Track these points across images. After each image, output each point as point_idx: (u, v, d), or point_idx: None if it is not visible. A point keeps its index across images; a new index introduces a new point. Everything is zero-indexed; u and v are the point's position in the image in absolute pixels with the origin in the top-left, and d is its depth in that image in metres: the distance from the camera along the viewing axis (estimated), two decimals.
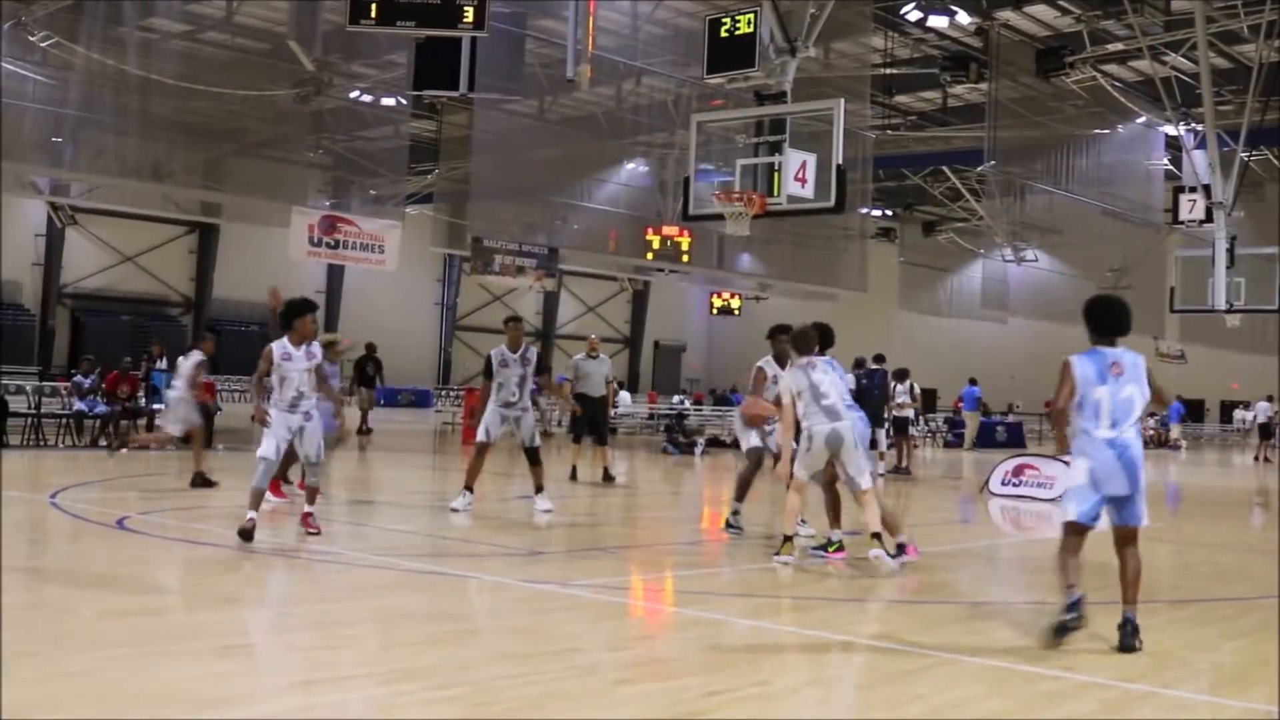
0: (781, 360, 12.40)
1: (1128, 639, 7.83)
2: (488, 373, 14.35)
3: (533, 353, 14.34)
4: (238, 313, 56.01)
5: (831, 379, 11.04)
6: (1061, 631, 7.79)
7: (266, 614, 8.14)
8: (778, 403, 11.54)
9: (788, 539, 11.04)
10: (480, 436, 14.27)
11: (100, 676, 6.17)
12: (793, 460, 11.06)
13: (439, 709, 5.96)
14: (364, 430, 28.66)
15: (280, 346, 11.39)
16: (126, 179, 36.65)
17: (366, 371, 30.81)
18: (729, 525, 13.01)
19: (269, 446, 11.35)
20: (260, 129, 38.65)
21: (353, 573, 10.11)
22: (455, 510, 13.90)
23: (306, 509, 11.78)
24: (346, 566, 10.39)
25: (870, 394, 23.21)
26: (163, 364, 24.93)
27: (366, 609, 8.51)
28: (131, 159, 34.35)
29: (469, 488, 14.11)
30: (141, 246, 53.31)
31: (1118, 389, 8.32)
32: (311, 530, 11.52)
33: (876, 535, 10.72)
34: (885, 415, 23.88)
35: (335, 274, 57.14)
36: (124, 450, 21.03)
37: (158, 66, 30.35)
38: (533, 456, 14.21)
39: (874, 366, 23.35)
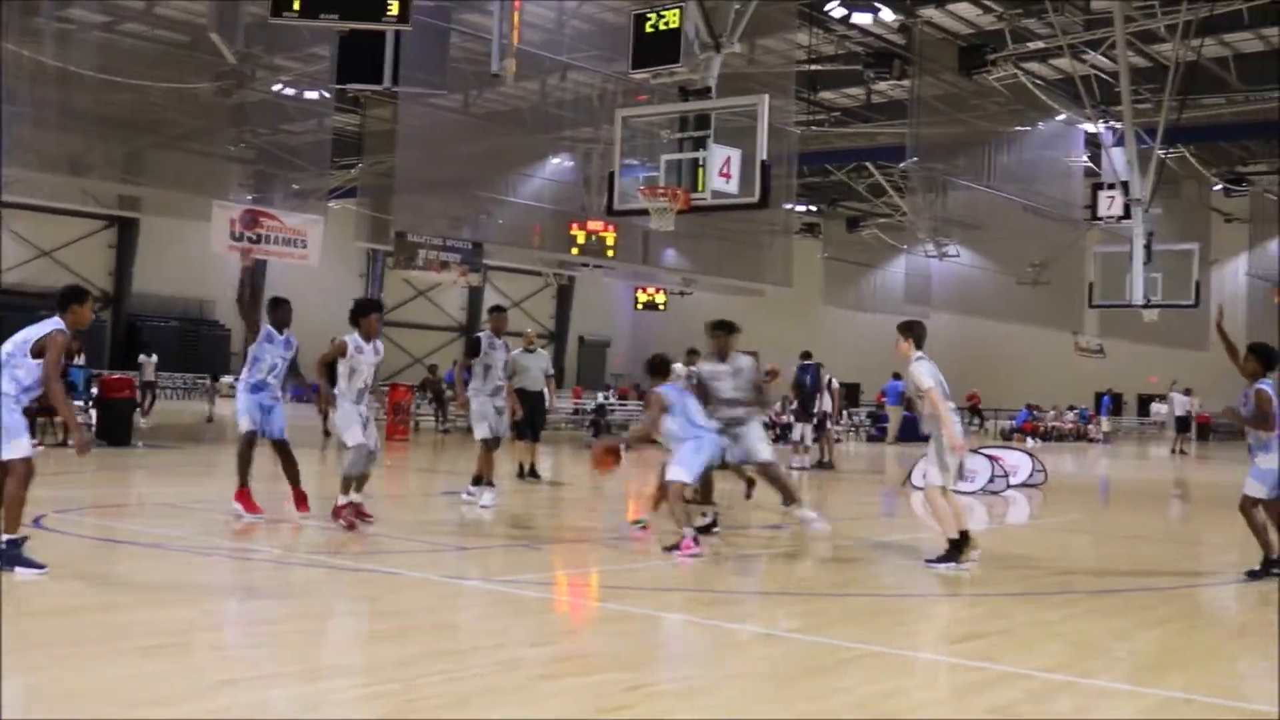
0: (723, 355, 12.42)
1: None
2: (474, 351, 14.39)
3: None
4: (158, 307, 55.38)
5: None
6: None
7: (190, 612, 8.05)
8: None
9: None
10: (486, 433, 14.46)
11: (25, 678, 6.08)
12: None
13: (365, 706, 5.93)
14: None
15: (353, 340, 12.02)
16: (44, 172, 36.12)
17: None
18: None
19: (357, 433, 11.95)
20: (181, 122, 38.24)
21: (279, 570, 10.04)
22: (485, 507, 14.11)
23: (344, 500, 12.04)
24: (272, 563, 10.31)
25: (805, 389, 23.56)
26: (80, 360, 24.56)
27: (292, 606, 8.45)
28: (49, 152, 33.84)
29: (490, 482, 14.35)
30: (60, 240, 52.55)
31: None
32: (368, 518, 12.05)
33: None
34: (815, 410, 24.10)
35: (257, 268, 56.53)
36: (39, 447, 20.71)
37: (76, 58, 29.92)
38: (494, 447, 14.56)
39: (805, 362, 23.73)
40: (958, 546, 10.97)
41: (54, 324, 9.22)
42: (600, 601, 9.33)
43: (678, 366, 14.15)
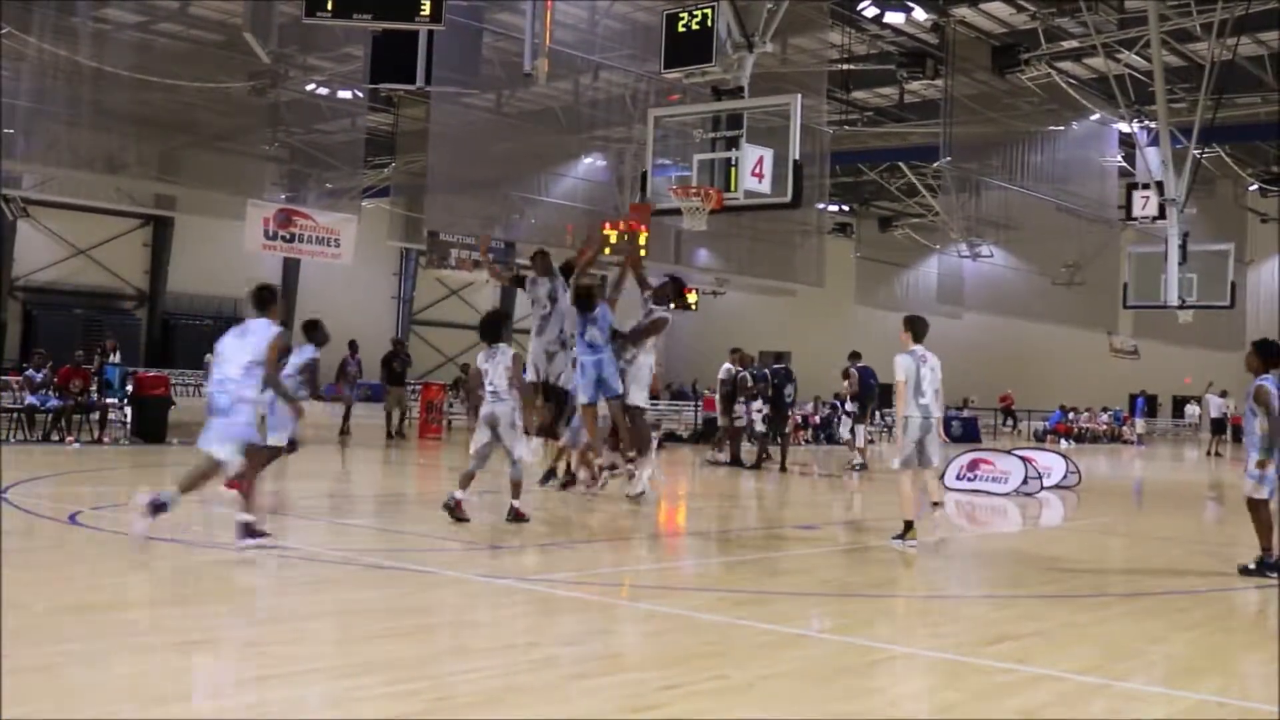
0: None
1: None
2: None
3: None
4: (192, 306, 55.65)
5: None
6: None
7: (223, 609, 8.10)
8: None
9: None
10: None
11: (55, 672, 6.13)
12: None
13: (397, 703, 5.95)
14: (399, 434, 27.59)
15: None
16: (80, 171, 36.38)
17: (394, 368, 28.17)
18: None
19: (526, 447, 12.86)
20: (215, 121, 38.41)
21: (310, 567, 10.07)
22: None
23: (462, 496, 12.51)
24: (304, 561, 10.35)
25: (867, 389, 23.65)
26: (115, 358, 24.71)
27: (324, 604, 8.48)
28: (85, 151, 34.08)
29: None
30: (95, 239, 52.85)
31: None
32: (524, 517, 12.50)
33: None
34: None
35: (291, 267, 56.81)
36: (75, 444, 20.89)
37: (112, 57, 30.10)
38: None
39: (862, 364, 23.80)
40: (909, 526, 12.09)
41: (268, 325, 10.20)
42: (633, 601, 9.33)
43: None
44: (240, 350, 10.12)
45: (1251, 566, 11.01)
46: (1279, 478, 10.84)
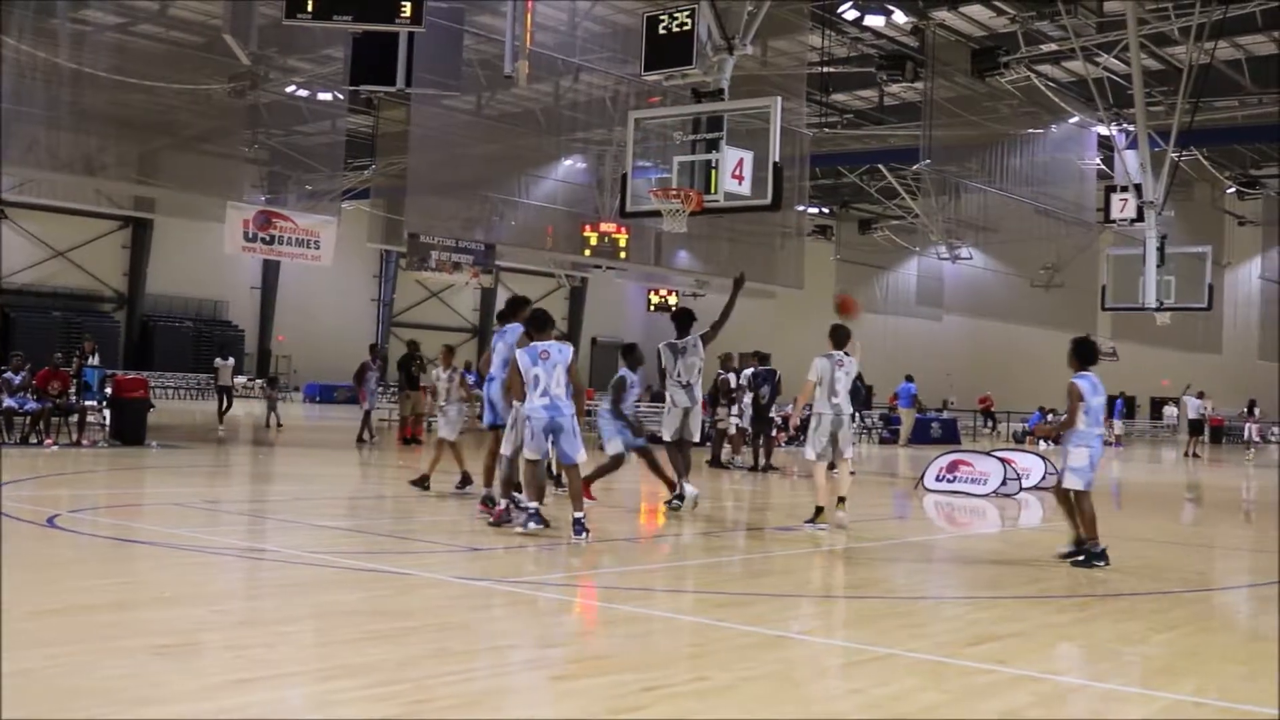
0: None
1: None
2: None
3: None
4: (172, 308, 55.50)
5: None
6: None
7: (201, 611, 8.07)
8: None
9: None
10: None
11: (34, 676, 6.10)
12: None
13: (376, 706, 5.94)
14: (414, 439, 27.31)
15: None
16: (58, 172, 36.26)
17: (411, 372, 27.54)
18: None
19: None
20: (195, 123, 38.37)
21: (289, 570, 10.05)
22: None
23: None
24: (281, 563, 10.33)
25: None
26: (94, 360, 24.63)
27: (303, 606, 8.47)
28: (63, 152, 33.97)
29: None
30: (73, 241, 52.70)
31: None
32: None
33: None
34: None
35: (271, 269, 56.78)
36: (54, 446, 20.82)
37: (90, 59, 30.02)
38: None
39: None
40: (819, 511, 13.37)
41: (562, 347, 11.84)
42: (614, 603, 9.33)
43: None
44: (553, 372, 11.54)
45: (1069, 550, 11.73)
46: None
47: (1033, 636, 8.34)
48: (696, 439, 14.99)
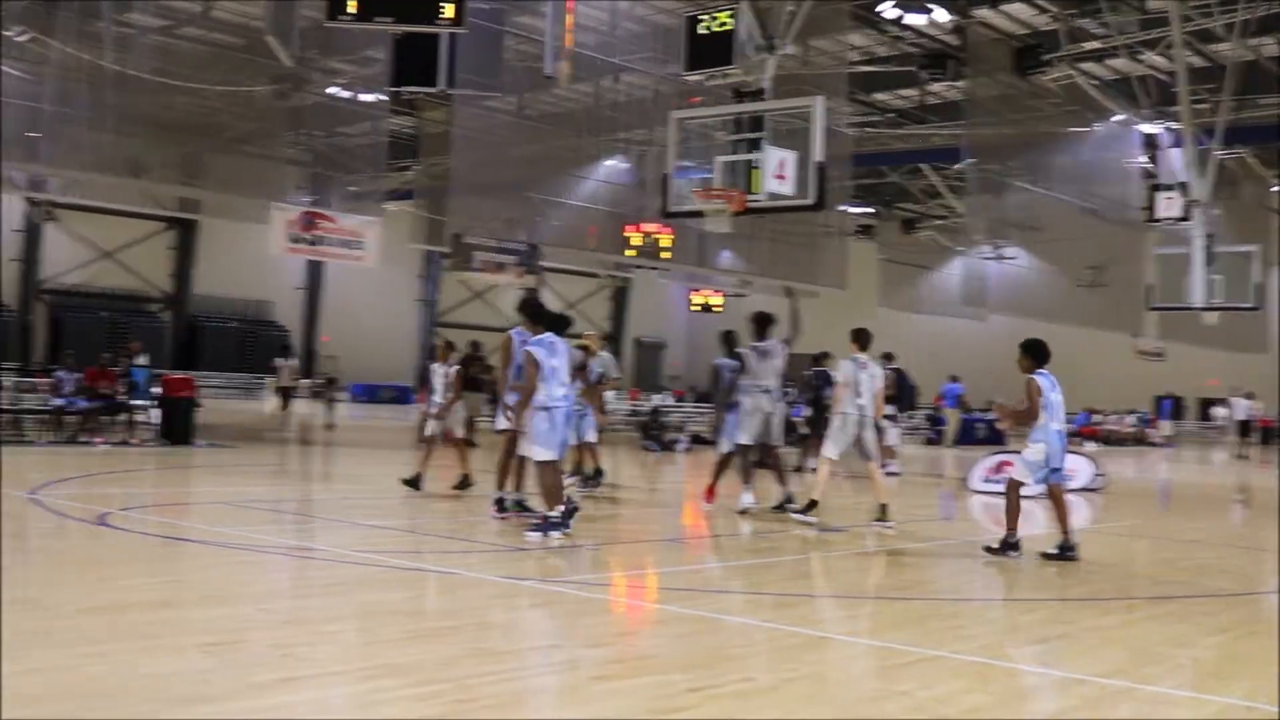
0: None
1: None
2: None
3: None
4: (217, 309, 55.85)
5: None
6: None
7: (247, 610, 8.11)
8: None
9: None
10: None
11: (82, 672, 6.15)
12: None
13: (419, 706, 5.94)
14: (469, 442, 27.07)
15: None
16: (104, 174, 36.51)
17: (472, 374, 27.69)
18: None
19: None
20: (238, 125, 38.58)
21: (333, 569, 10.09)
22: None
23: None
24: (328, 563, 10.37)
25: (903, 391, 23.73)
26: (141, 360, 24.83)
27: (348, 605, 8.49)
28: (109, 154, 34.20)
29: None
30: (120, 242, 53.10)
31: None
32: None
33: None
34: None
35: (315, 270, 57.06)
36: (103, 445, 20.99)
37: (135, 61, 30.21)
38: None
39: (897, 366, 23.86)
40: (813, 504, 13.74)
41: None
42: (657, 603, 9.32)
43: None
44: (564, 363, 11.64)
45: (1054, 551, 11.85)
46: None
47: (1079, 639, 8.26)
48: (779, 443, 14.88)
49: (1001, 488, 18.88)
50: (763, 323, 15.02)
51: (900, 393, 23.88)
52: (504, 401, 13.00)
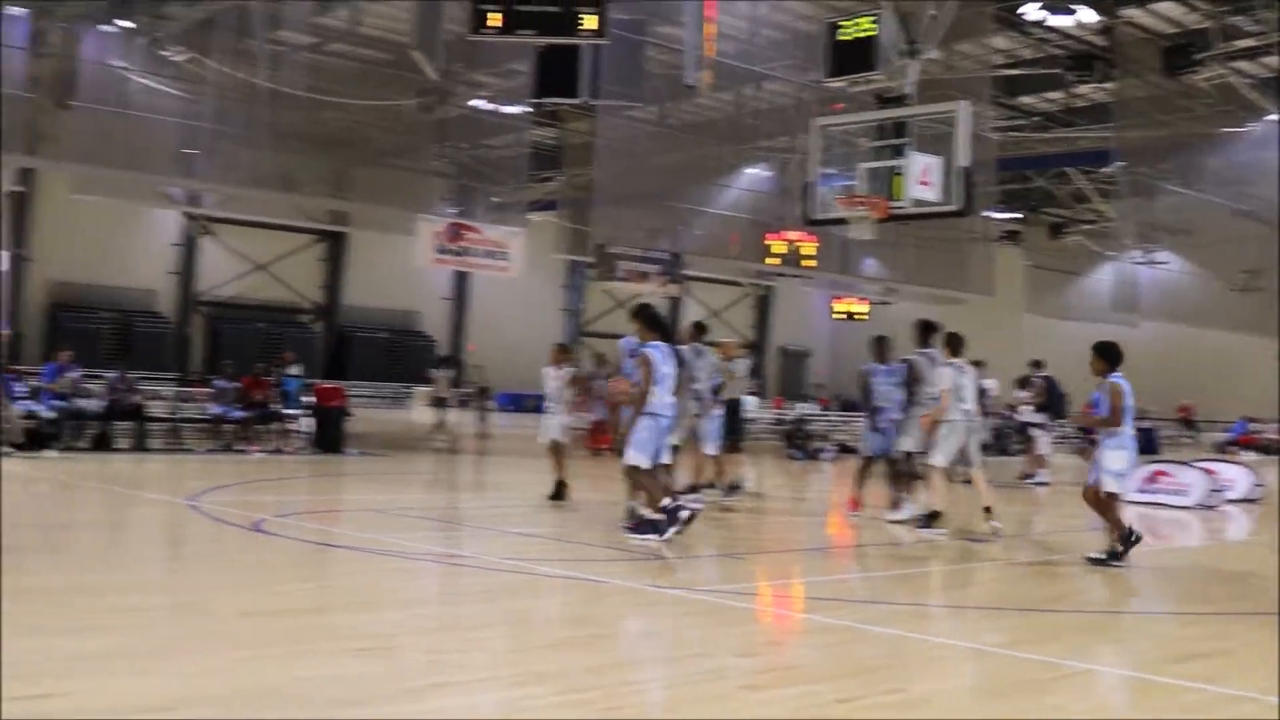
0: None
1: None
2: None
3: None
4: (366, 319, 56.78)
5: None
6: None
7: (398, 616, 8.23)
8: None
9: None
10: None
11: (239, 674, 6.30)
12: None
13: (567, 713, 5.98)
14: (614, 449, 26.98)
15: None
16: (258, 189, 37.43)
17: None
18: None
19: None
20: (386, 138, 39.22)
21: (483, 576, 10.20)
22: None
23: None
24: (477, 570, 10.49)
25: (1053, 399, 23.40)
26: (294, 370, 25.38)
27: (497, 612, 8.58)
28: (262, 169, 35.06)
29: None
30: (273, 255, 54.27)
31: None
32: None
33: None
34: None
35: (461, 281, 57.69)
36: (258, 453, 21.47)
37: (286, 78, 30.90)
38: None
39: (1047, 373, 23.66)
40: (935, 515, 13.55)
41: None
42: (804, 613, 9.27)
43: None
44: (674, 372, 11.59)
45: (1103, 557, 11.57)
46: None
47: (1241, 655, 8.03)
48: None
49: (1155, 498, 18.54)
50: (926, 330, 14.87)
51: (1050, 401, 23.43)
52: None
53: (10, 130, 29.82)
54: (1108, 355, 12.14)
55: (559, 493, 15.52)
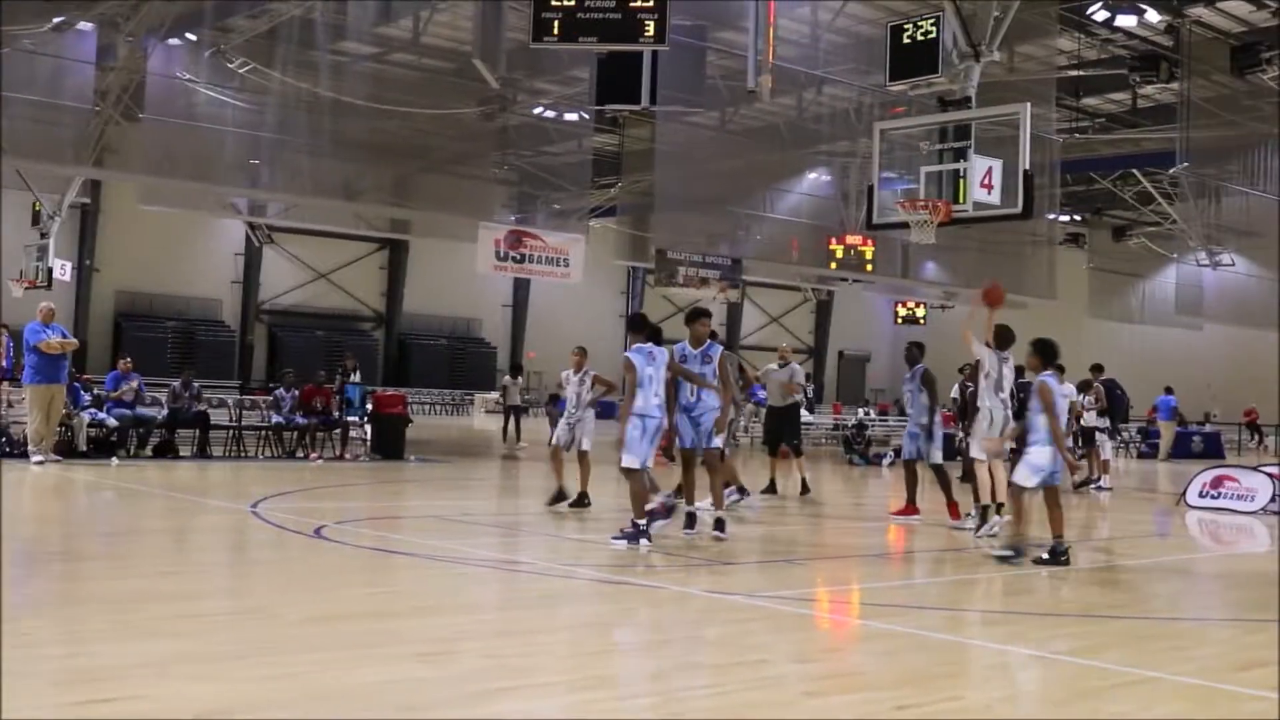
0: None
1: None
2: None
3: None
4: (426, 327, 57.13)
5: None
6: None
7: (460, 621, 8.29)
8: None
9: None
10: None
11: (304, 679, 6.37)
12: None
13: (628, 717, 6.00)
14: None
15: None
16: (320, 198, 37.75)
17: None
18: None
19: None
20: (447, 146, 39.46)
21: (543, 581, 10.25)
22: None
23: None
24: (537, 575, 10.54)
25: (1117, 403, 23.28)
26: (355, 377, 25.57)
27: (557, 617, 8.62)
28: (324, 178, 35.37)
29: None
30: (334, 263, 54.77)
31: None
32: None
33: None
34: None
35: (521, 287, 57.95)
36: (319, 460, 21.65)
37: (349, 88, 31.19)
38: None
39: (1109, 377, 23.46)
40: (986, 510, 13.48)
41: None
42: (863, 619, 9.25)
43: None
44: (660, 374, 11.91)
45: (1045, 556, 11.34)
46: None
47: None
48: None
49: (1220, 503, 18.33)
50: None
51: (1112, 405, 23.21)
52: (673, 420, 12.92)
53: (79, 143, 30.30)
54: (1044, 353, 11.82)
55: (575, 501, 15.48)
